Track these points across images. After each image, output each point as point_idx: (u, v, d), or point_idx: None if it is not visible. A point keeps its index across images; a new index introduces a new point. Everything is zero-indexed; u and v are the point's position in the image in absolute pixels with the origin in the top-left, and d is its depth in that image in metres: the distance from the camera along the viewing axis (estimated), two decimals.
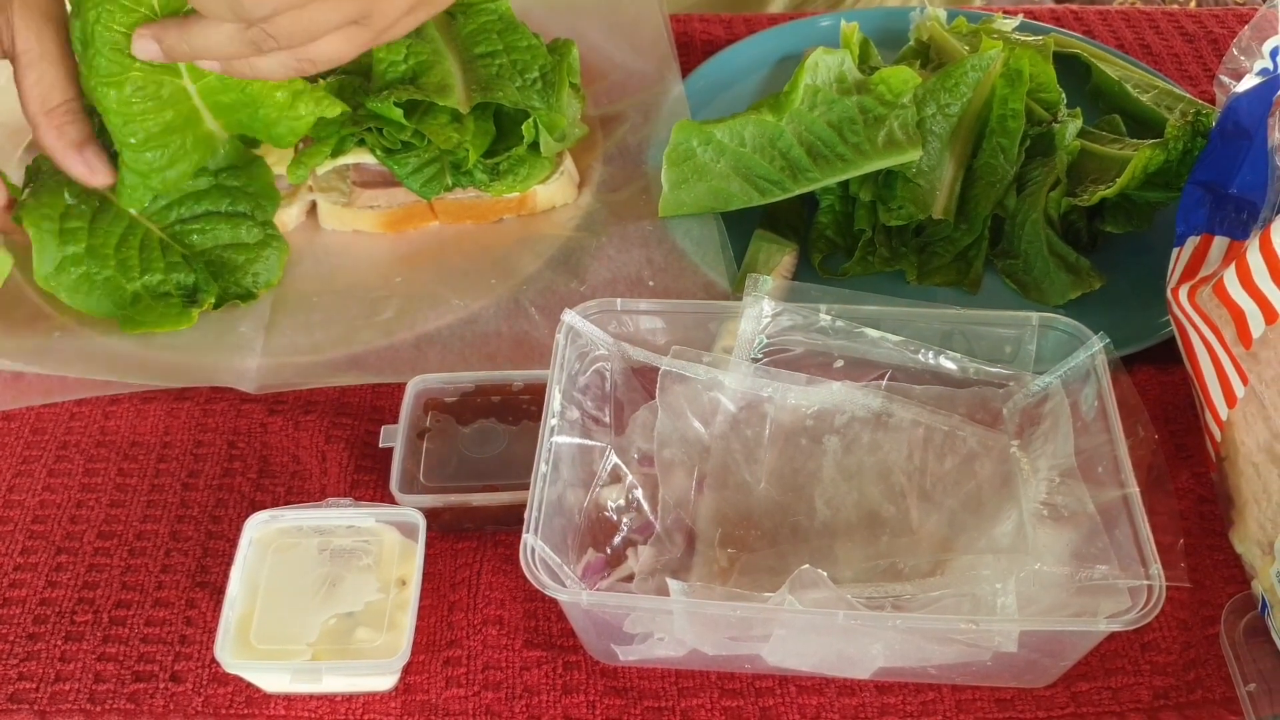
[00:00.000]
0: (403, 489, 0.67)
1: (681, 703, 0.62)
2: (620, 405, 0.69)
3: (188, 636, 0.65)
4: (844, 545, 0.65)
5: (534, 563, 0.57)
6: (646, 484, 0.66)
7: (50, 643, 0.64)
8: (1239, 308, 0.64)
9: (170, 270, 0.78)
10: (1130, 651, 0.64)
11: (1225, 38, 1.07)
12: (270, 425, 0.75)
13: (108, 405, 0.76)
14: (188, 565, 0.68)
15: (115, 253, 0.77)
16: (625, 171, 0.91)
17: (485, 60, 0.87)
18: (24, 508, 0.71)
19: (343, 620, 0.61)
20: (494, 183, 0.85)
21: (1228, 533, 0.67)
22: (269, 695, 0.62)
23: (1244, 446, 0.64)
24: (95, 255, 0.77)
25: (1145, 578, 0.56)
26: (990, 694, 0.62)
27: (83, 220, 0.77)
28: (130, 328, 0.77)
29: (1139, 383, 0.75)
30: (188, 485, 0.72)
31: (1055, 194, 0.82)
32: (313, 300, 0.82)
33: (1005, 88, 0.85)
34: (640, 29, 1.02)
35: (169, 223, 0.80)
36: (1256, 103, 0.70)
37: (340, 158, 0.86)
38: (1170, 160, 0.78)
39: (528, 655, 0.64)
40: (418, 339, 0.79)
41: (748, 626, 0.58)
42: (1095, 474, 0.63)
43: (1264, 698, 0.60)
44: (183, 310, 0.78)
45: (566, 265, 0.84)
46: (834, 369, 0.69)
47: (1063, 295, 0.80)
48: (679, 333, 0.70)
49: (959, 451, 0.67)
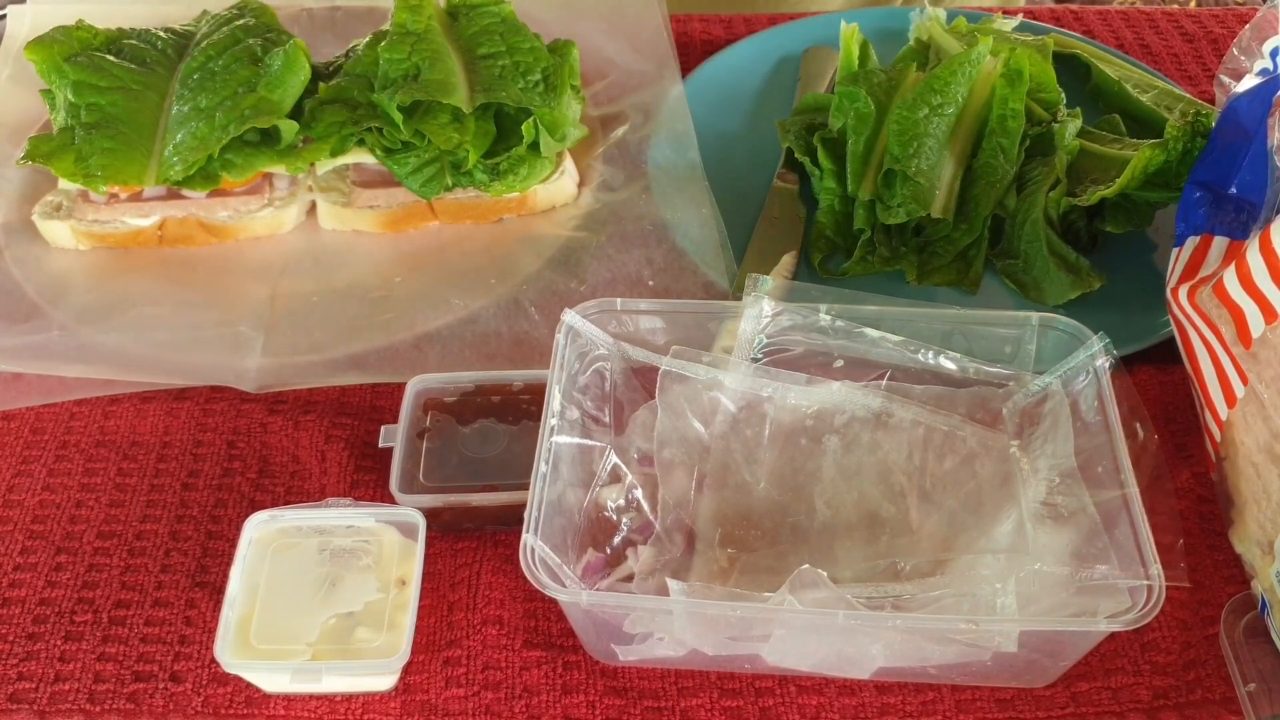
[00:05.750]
0: (403, 489, 0.67)
1: (681, 703, 0.62)
2: (620, 405, 0.69)
3: (187, 636, 0.65)
4: (844, 545, 0.65)
5: (534, 563, 0.57)
6: (646, 484, 0.66)
7: (50, 643, 0.64)
8: (1239, 308, 0.64)
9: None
10: (1130, 651, 0.64)
11: (1225, 38, 1.07)
12: (270, 425, 0.75)
13: (108, 405, 0.76)
14: (187, 565, 0.68)
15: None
16: (625, 171, 0.91)
17: (488, 61, 0.87)
18: (24, 508, 0.71)
19: (343, 620, 0.61)
20: (494, 183, 0.85)
21: (1228, 533, 0.67)
22: (269, 695, 0.62)
23: (1244, 446, 0.64)
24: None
25: (1145, 578, 0.56)
26: (990, 694, 0.62)
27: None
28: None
29: (1139, 383, 0.75)
30: (187, 485, 0.72)
31: (1055, 194, 0.82)
32: (313, 300, 0.82)
33: (1005, 88, 0.85)
34: (640, 29, 1.02)
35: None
36: (1256, 103, 0.70)
37: (340, 158, 0.86)
38: (1170, 160, 0.78)
39: (527, 655, 0.64)
40: (418, 339, 0.79)
41: (748, 626, 0.58)
42: (1095, 474, 0.63)
43: (1264, 698, 0.60)
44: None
45: (566, 265, 0.84)
46: (834, 369, 0.69)
47: (1062, 295, 0.80)
48: (679, 333, 0.70)
49: (959, 451, 0.67)
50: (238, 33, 0.89)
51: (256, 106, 0.83)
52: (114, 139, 0.83)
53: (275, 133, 0.84)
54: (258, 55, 0.86)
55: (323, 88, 0.86)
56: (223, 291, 0.83)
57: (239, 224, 0.86)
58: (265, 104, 0.83)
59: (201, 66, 0.87)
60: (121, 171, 0.82)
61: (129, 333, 0.79)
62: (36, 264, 0.84)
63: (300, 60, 0.86)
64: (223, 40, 0.88)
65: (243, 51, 0.87)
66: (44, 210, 0.85)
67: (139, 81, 0.86)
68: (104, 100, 0.84)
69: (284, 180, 0.88)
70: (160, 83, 0.87)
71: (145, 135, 0.84)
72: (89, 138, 0.82)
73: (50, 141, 0.83)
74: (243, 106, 0.83)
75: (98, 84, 0.85)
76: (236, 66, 0.86)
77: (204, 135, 0.82)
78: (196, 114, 0.84)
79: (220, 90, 0.84)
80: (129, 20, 0.93)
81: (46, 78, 0.86)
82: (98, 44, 0.88)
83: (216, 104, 0.84)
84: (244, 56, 0.86)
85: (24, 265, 0.84)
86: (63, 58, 0.85)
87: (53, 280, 0.83)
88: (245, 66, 0.86)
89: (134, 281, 0.83)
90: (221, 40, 0.88)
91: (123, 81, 0.85)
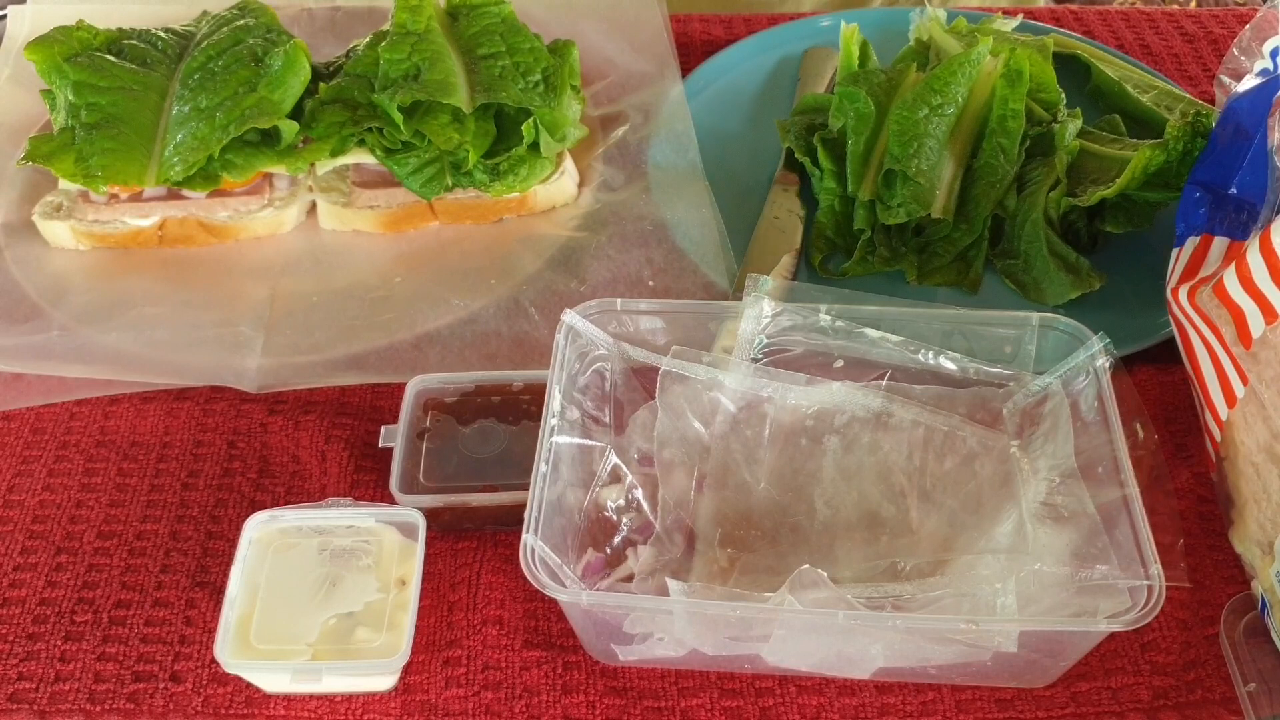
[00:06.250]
0: (403, 489, 0.67)
1: (681, 703, 0.62)
2: (620, 405, 0.69)
3: (187, 636, 0.65)
4: (844, 545, 0.65)
5: (534, 563, 0.57)
6: (646, 484, 0.66)
7: (50, 643, 0.64)
8: (1239, 308, 0.64)
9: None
10: (1130, 651, 0.64)
11: (1225, 38, 1.07)
12: (270, 425, 0.75)
13: (108, 405, 0.76)
14: (187, 565, 0.68)
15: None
16: (625, 171, 0.91)
17: (488, 61, 0.87)
18: (24, 508, 0.71)
19: (343, 620, 0.61)
20: (494, 183, 0.85)
21: (1228, 533, 0.67)
22: (269, 695, 0.62)
23: (1244, 446, 0.64)
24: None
25: (1145, 578, 0.56)
26: (990, 694, 0.62)
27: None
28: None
29: (1139, 383, 0.75)
30: (187, 485, 0.72)
31: (1055, 194, 0.82)
32: (313, 300, 0.82)
33: (1005, 88, 0.85)
34: (640, 29, 1.02)
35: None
36: (1256, 103, 0.70)
37: (340, 158, 0.86)
38: (1170, 160, 0.78)
39: (527, 655, 0.64)
40: (418, 339, 0.79)
41: (748, 626, 0.58)
42: (1095, 474, 0.63)
43: (1264, 698, 0.60)
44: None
45: (566, 265, 0.84)
46: (834, 369, 0.69)
47: (1062, 295, 0.80)
48: (679, 333, 0.70)
49: (959, 451, 0.67)
50: (238, 33, 0.89)
51: (257, 106, 0.83)
52: (114, 139, 0.83)
53: (275, 133, 0.84)
54: (258, 55, 0.86)
55: (323, 88, 0.86)
56: (223, 291, 0.83)
57: (239, 224, 0.86)
58: (265, 104, 0.83)
59: (202, 67, 0.87)
60: (121, 172, 0.82)
61: (129, 333, 0.79)
62: (36, 264, 0.84)
63: (300, 60, 0.86)
64: (223, 40, 0.88)
65: (243, 52, 0.87)
66: (44, 210, 0.85)
67: (139, 82, 0.86)
68: (104, 100, 0.84)
69: (284, 180, 0.88)
70: (160, 83, 0.87)
71: (145, 135, 0.84)
72: (89, 138, 0.82)
73: (50, 141, 0.83)
74: (243, 106, 0.83)
75: (98, 84, 0.85)
76: (237, 67, 0.86)
77: (204, 135, 0.82)
78: (197, 114, 0.84)
79: (220, 90, 0.85)
80: (129, 20, 0.93)
81: (46, 78, 0.86)
82: (98, 44, 0.88)
83: (217, 104, 0.84)
84: (244, 57, 0.86)
85: (24, 265, 0.84)
86: (63, 58, 0.85)
87: (53, 280, 0.83)
88: (245, 67, 0.86)
89: (134, 281, 0.83)
90: (222, 40, 0.88)
91: (123, 82, 0.85)
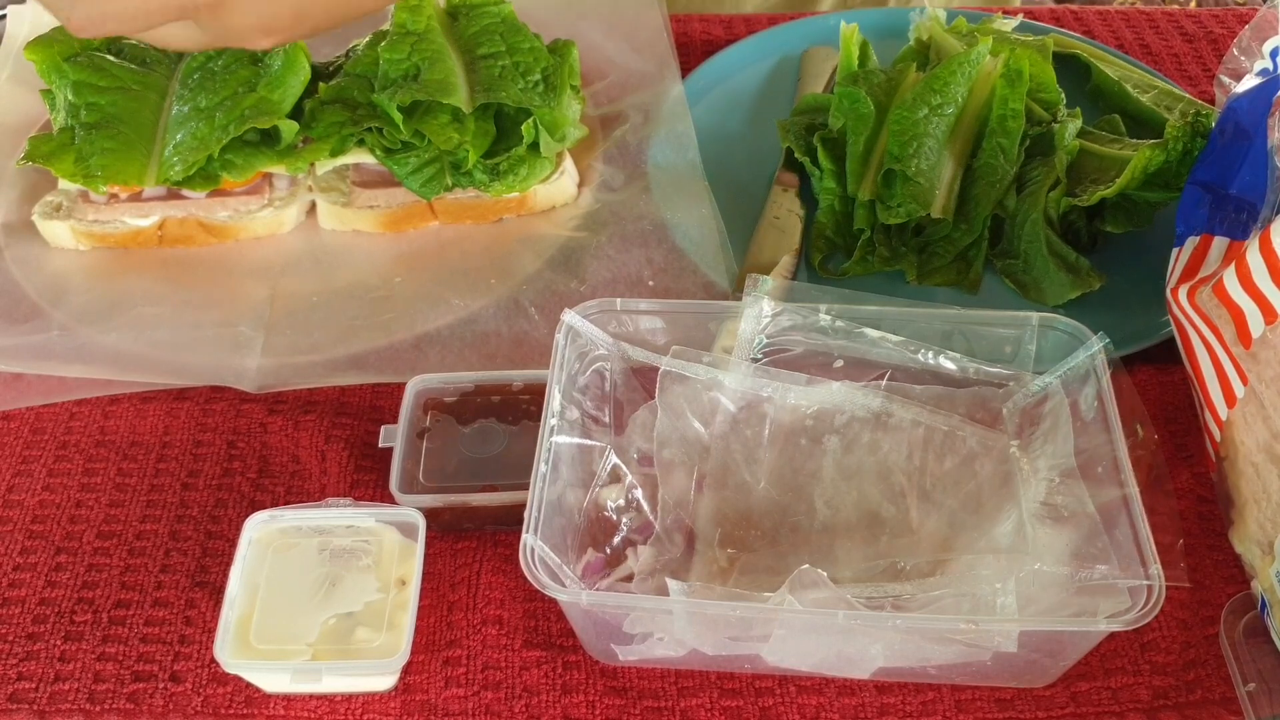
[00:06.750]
0: (403, 489, 0.67)
1: (681, 703, 0.62)
2: (620, 405, 0.69)
3: (187, 636, 0.65)
4: (844, 545, 0.65)
5: (534, 563, 0.57)
6: (646, 484, 0.66)
7: (50, 643, 0.64)
8: (1239, 308, 0.64)
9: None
10: (1130, 651, 0.64)
11: (1225, 38, 1.07)
12: (270, 425, 0.75)
13: (107, 405, 0.76)
14: (187, 565, 0.68)
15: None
16: (625, 171, 0.91)
17: (488, 61, 0.87)
18: (24, 508, 0.71)
19: (342, 620, 0.61)
20: (494, 183, 0.85)
21: (1227, 533, 0.67)
22: (269, 695, 0.62)
23: (1244, 446, 0.64)
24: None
25: (1145, 578, 0.56)
26: (990, 694, 0.62)
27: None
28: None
29: (1139, 383, 0.75)
30: (187, 485, 0.72)
31: (1055, 194, 0.82)
32: (312, 300, 0.82)
33: (1005, 88, 0.85)
34: (640, 29, 1.02)
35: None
36: (1256, 103, 0.70)
37: (340, 158, 0.86)
38: (1170, 160, 0.78)
39: (527, 655, 0.64)
40: (417, 339, 0.79)
41: (747, 626, 0.58)
42: (1095, 474, 0.63)
43: (1264, 698, 0.60)
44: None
45: (566, 265, 0.84)
46: (834, 369, 0.69)
47: (1062, 295, 0.80)
48: (679, 333, 0.70)
49: (959, 451, 0.67)
50: None
51: (256, 106, 0.83)
52: (114, 139, 0.83)
53: (275, 133, 0.84)
54: (257, 55, 0.86)
55: (323, 88, 0.86)
56: (222, 291, 0.83)
57: (239, 224, 0.86)
58: (265, 104, 0.83)
59: (201, 66, 0.87)
60: (121, 171, 0.82)
61: (129, 333, 0.79)
62: (36, 264, 0.84)
63: (300, 60, 0.86)
64: None
65: (243, 51, 0.87)
66: (44, 210, 0.85)
67: (139, 81, 0.86)
68: (104, 100, 0.84)
69: (284, 180, 0.88)
70: (160, 83, 0.87)
71: (145, 135, 0.84)
72: (89, 138, 0.82)
73: (50, 141, 0.83)
74: (243, 106, 0.83)
75: (98, 84, 0.85)
76: (236, 66, 0.86)
77: (204, 135, 0.82)
78: (196, 114, 0.84)
79: (220, 90, 0.84)
80: None
81: (46, 78, 0.86)
82: (97, 44, 0.88)
83: (216, 104, 0.84)
84: (244, 56, 0.86)
85: (24, 265, 0.84)
86: (63, 58, 0.85)
87: (53, 280, 0.83)
88: (245, 66, 0.86)
89: (134, 281, 0.83)
90: None
91: (123, 81, 0.85)
